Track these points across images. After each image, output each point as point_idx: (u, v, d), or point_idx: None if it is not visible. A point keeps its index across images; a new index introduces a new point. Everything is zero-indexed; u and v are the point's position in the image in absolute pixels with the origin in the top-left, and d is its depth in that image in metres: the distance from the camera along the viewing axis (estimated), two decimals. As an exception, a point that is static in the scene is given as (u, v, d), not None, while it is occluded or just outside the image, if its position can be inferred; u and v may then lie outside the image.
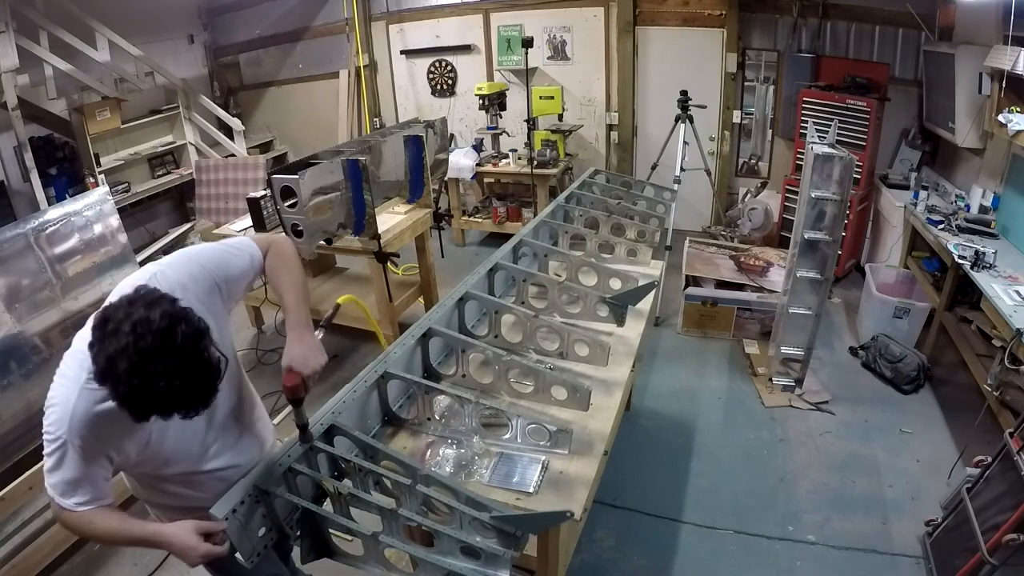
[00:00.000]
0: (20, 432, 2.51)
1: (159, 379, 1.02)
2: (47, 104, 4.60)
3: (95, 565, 2.50)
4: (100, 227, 2.92)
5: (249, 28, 6.35)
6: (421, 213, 3.76)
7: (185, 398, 1.07)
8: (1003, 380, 2.71)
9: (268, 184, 2.90)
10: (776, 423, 3.19)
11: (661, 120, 4.90)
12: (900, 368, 3.37)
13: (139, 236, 5.44)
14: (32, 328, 2.59)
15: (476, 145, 5.42)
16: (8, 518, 2.39)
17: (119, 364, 1.01)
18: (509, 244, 2.49)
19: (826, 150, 2.93)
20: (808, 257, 3.06)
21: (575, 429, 1.63)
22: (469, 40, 5.66)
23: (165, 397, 1.05)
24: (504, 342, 2.04)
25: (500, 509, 1.31)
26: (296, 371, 1.33)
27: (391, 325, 3.57)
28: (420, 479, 1.36)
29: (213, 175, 5.45)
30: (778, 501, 2.71)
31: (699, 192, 4.96)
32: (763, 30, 4.91)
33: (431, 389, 1.69)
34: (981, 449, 2.42)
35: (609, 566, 2.43)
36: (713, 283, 4.01)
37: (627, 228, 2.84)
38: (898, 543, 2.46)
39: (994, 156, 3.56)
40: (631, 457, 2.96)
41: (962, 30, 3.87)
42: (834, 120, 3.46)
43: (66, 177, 4.85)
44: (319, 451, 1.42)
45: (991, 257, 3.00)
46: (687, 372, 3.66)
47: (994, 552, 1.90)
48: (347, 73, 6.03)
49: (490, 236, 5.68)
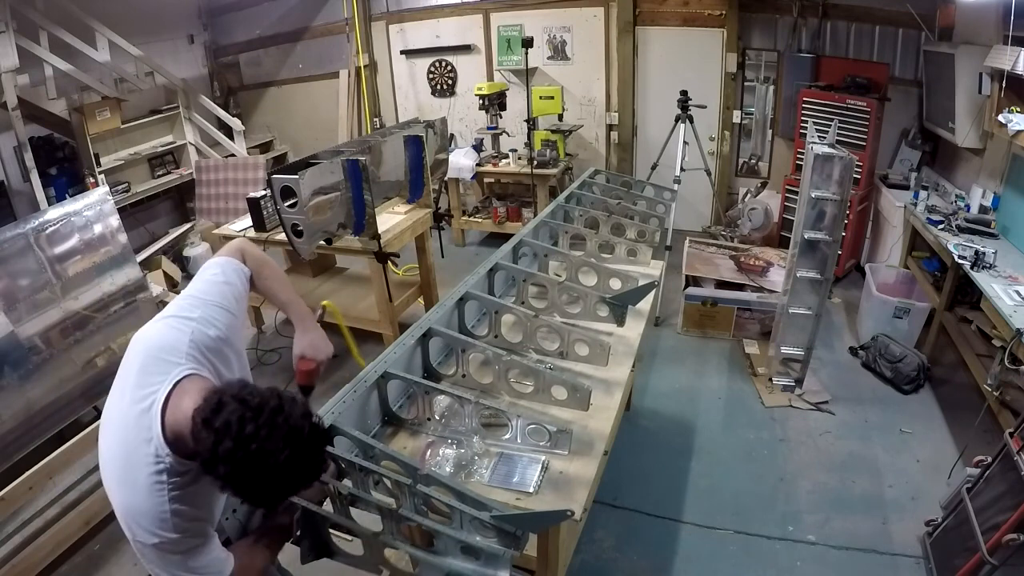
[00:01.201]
0: (20, 432, 2.51)
1: (302, 482, 1.09)
2: (47, 104, 4.60)
3: (95, 565, 2.50)
4: (100, 227, 2.91)
5: (249, 28, 6.35)
6: (421, 213, 3.76)
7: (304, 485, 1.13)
8: (1003, 380, 2.71)
9: (268, 184, 2.90)
10: (776, 423, 3.19)
11: (661, 120, 4.90)
12: (900, 368, 3.37)
13: (139, 236, 5.43)
14: (32, 328, 2.59)
15: (476, 145, 5.42)
16: (8, 518, 2.39)
17: (276, 480, 1.03)
18: (509, 244, 2.49)
19: (826, 150, 2.93)
20: (808, 257, 3.06)
21: (575, 429, 1.63)
22: (469, 40, 5.66)
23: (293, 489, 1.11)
24: (504, 342, 2.04)
25: (500, 508, 1.31)
26: (309, 358, 1.36)
27: (391, 325, 3.57)
28: (420, 479, 1.36)
29: (213, 175, 5.45)
30: (778, 501, 2.71)
31: (699, 192, 4.97)
32: (763, 30, 4.91)
33: (431, 389, 1.69)
34: (981, 449, 2.41)
35: (609, 566, 2.42)
36: (713, 283, 4.01)
37: (627, 228, 2.84)
38: (898, 543, 2.46)
39: (994, 156, 3.56)
40: (631, 457, 2.96)
41: (962, 30, 3.87)
42: (834, 120, 3.45)
43: (66, 177, 4.85)
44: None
45: (991, 257, 3.00)
46: (687, 372, 3.66)
47: (994, 552, 1.89)
48: (347, 73, 6.03)
49: (490, 236, 5.68)
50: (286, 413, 1.03)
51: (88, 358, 2.80)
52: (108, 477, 1.12)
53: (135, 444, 1.09)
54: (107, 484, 1.12)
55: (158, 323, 1.22)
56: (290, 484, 1.07)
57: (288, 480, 1.05)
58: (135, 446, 1.09)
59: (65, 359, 2.71)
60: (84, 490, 2.64)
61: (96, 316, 2.86)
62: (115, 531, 2.61)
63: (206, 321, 1.23)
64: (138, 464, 1.08)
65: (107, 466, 1.12)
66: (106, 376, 2.85)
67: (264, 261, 1.49)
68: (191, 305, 1.26)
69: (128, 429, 1.10)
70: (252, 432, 0.98)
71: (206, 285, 1.33)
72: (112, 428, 1.14)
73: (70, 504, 2.57)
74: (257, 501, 1.10)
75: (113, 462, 1.12)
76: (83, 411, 2.84)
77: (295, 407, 1.05)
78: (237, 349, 1.32)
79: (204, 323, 1.23)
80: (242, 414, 0.99)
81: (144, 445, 1.08)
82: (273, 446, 0.99)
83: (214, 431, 0.99)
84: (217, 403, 1.02)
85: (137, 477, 1.08)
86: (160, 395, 1.10)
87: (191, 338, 1.19)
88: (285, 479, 1.04)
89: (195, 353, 1.18)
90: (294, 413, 1.04)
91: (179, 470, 1.10)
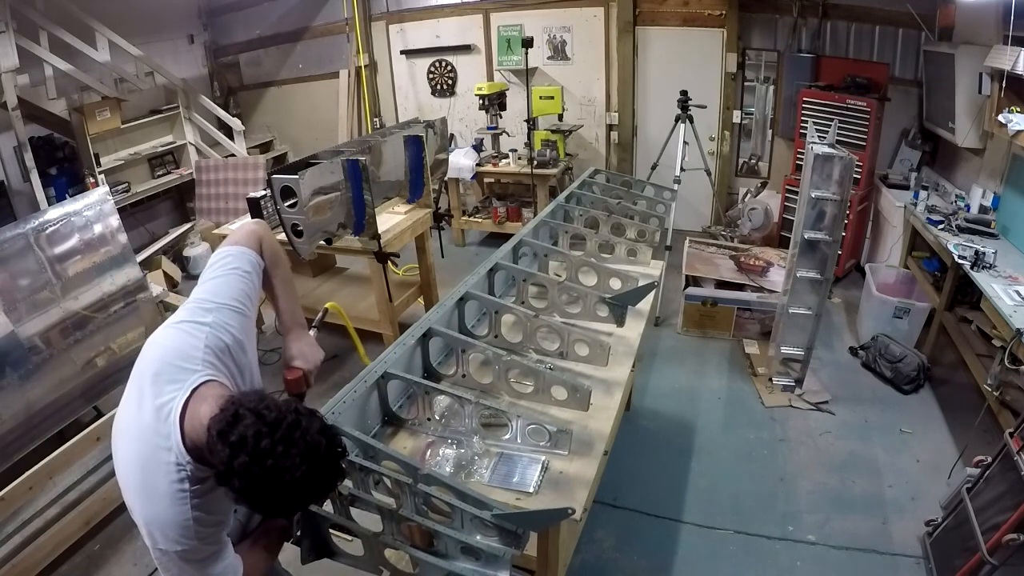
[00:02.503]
0: (20, 432, 2.51)
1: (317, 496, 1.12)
2: (47, 104, 4.60)
3: (96, 565, 2.50)
4: (100, 227, 2.91)
5: (249, 28, 6.35)
6: (421, 213, 3.76)
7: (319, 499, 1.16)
8: (1003, 380, 2.71)
9: (268, 184, 2.90)
10: (776, 423, 3.19)
11: (661, 120, 4.90)
12: (900, 368, 3.37)
13: (139, 236, 5.43)
14: (32, 328, 2.59)
15: (476, 145, 5.42)
16: (8, 518, 2.39)
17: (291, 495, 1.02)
18: (509, 244, 2.49)
19: (826, 150, 2.93)
20: (808, 257, 3.06)
21: (575, 429, 1.63)
22: (469, 40, 5.66)
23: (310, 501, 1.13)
24: (504, 342, 2.04)
25: (501, 508, 1.31)
26: (297, 367, 1.35)
27: (391, 325, 3.57)
28: (421, 478, 1.36)
29: (213, 175, 5.45)
30: (778, 501, 2.71)
31: (699, 192, 4.97)
32: (763, 30, 4.91)
33: (431, 389, 1.69)
34: (981, 449, 2.41)
35: (609, 566, 2.42)
36: (713, 283, 4.01)
37: (627, 228, 2.84)
38: (898, 543, 2.46)
39: (994, 156, 3.56)
40: (631, 457, 2.96)
41: (962, 30, 3.87)
42: (834, 120, 3.45)
43: (66, 177, 4.85)
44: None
45: (991, 257, 3.00)
46: (687, 372, 3.66)
47: (994, 552, 1.89)
48: (347, 73, 6.03)
49: (490, 236, 5.68)
50: (303, 428, 1.01)
51: (88, 358, 2.80)
52: (127, 487, 1.10)
53: (154, 452, 1.07)
54: (126, 493, 1.10)
55: (170, 329, 1.20)
56: (305, 498, 1.07)
57: (303, 494, 1.05)
58: (154, 453, 1.07)
59: (65, 359, 2.71)
60: (84, 490, 2.65)
61: (96, 316, 2.86)
62: (115, 531, 2.61)
63: (220, 326, 1.21)
64: (158, 472, 1.07)
65: (126, 476, 1.11)
66: (106, 376, 2.88)
67: (279, 256, 1.45)
68: (204, 310, 1.23)
69: (146, 438, 1.08)
70: (268, 448, 0.97)
71: (217, 284, 1.29)
72: (128, 437, 1.12)
73: (70, 504, 2.57)
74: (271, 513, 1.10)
75: (132, 472, 1.10)
76: (83, 411, 2.84)
77: (313, 422, 1.04)
78: (250, 351, 1.30)
79: (218, 327, 1.21)
80: (258, 429, 0.98)
81: (164, 453, 1.07)
82: (289, 463, 0.98)
83: (229, 445, 0.97)
84: (233, 415, 1.00)
85: (158, 486, 1.07)
86: (178, 403, 1.08)
87: (206, 343, 1.17)
88: (300, 494, 1.04)
89: (211, 359, 1.16)
90: (311, 429, 1.03)
91: (200, 476, 1.08)
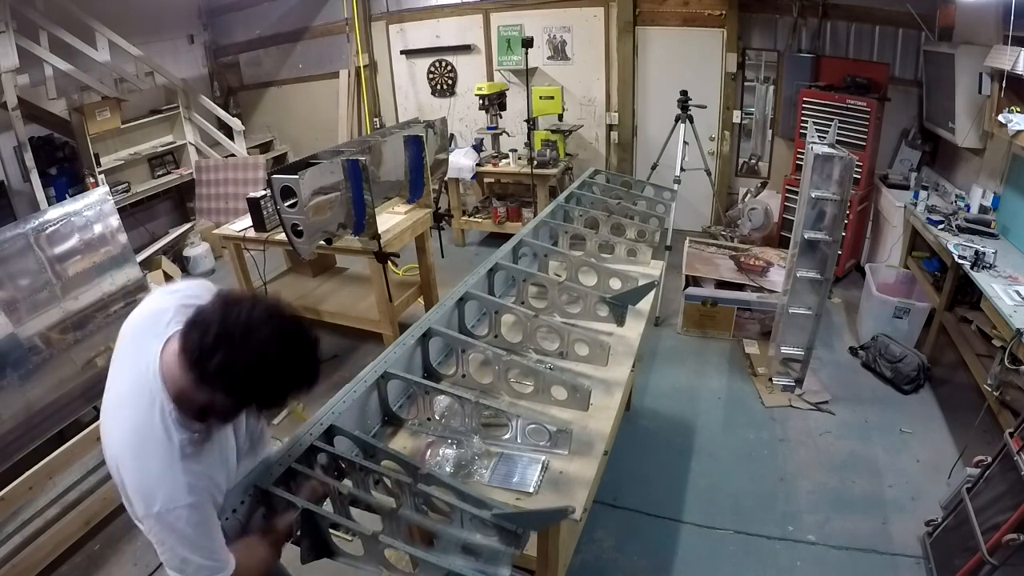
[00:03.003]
0: (20, 432, 2.51)
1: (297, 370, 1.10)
2: (47, 104, 4.60)
3: (96, 565, 2.50)
4: (100, 227, 2.92)
5: (249, 28, 6.36)
6: (421, 213, 3.76)
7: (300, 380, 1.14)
8: (1003, 380, 2.71)
9: (268, 184, 2.90)
10: (776, 423, 3.19)
11: (661, 120, 4.90)
12: (900, 368, 3.37)
13: (139, 236, 5.44)
14: (32, 328, 2.59)
15: (476, 145, 5.42)
16: (8, 518, 2.38)
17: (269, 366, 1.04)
18: (509, 244, 2.49)
19: (826, 150, 2.93)
20: (808, 257, 3.06)
21: (575, 429, 1.63)
22: (469, 40, 5.66)
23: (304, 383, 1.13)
24: (504, 342, 2.04)
25: (501, 507, 1.31)
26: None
27: (391, 325, 3.57)
28: (421, 478, 1.36)
29: (213, 175, 5.45)
30: (778, 501, 2.71)
31: (699, 192, 4.97)
32: (763, 30, 4.91)
33: (431, 389, 1.69)
34: (981, 449, 2.41)
35: (609, 566, 2.42)
36: (713, 283, 4.01)
37: (627, 228, 2.84)
38: (898, 543, 2.46)
39: (994, 156, 3.56)
40: (631, 457, 2.96)
41: (962, 30, 3.87)
42: (834, 120, 3.45)
43: (66, 177, 4.85)
44: (319, 451, 1.42)
45: (991, 257, 3.00)
46: (687, 372, 3.66)
47: (994, 552, 1.89)
48: (347, 73, 6.03)
49: (490, 236, 5.68)
50: (263, 300, 1.09)
51: (88, 358, 2.80)
52: (118, 452, 1.12)
53: (140, 409, 1.10)
54: (117, 460, 1.11)
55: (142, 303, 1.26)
56: (285, 372, 1.07)
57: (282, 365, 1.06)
58: (141, 411, 1.10)
59: (65, 359, 2.71)
60: (84, 490, 2.64)
61: (96, 316, 2.86)
62: (115, 531, 2.61)
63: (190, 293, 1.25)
64: (146, 426, 1.09)
65: (116, 441, 1.12)
66: (106, 376, 2.87)
67: None
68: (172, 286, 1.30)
69: (132, 396, 1.12)
70: (236, 316, 1.02)
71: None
72: (115, 403, 1.15)
73: (70, 504, 2.57)
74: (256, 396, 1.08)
75: (122, 435, 1.12)
76: (83, 411, 2.84)
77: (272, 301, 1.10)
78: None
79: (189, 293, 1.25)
80: (224, 305, 1.05)
81: (149, 408, 1.09)
82: (258, 319, 1.03)
83: (198, 326, 1.03)
84: (197, 309, 1.07)
85: (146, 439, 1.09)
86: (155, 353, 1.11)
87: (178, 302, 1.20)
88: (278, 364, 1.05)
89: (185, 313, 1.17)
90: (270, 302, 1.09)
91: (187, 426, 1.12)
